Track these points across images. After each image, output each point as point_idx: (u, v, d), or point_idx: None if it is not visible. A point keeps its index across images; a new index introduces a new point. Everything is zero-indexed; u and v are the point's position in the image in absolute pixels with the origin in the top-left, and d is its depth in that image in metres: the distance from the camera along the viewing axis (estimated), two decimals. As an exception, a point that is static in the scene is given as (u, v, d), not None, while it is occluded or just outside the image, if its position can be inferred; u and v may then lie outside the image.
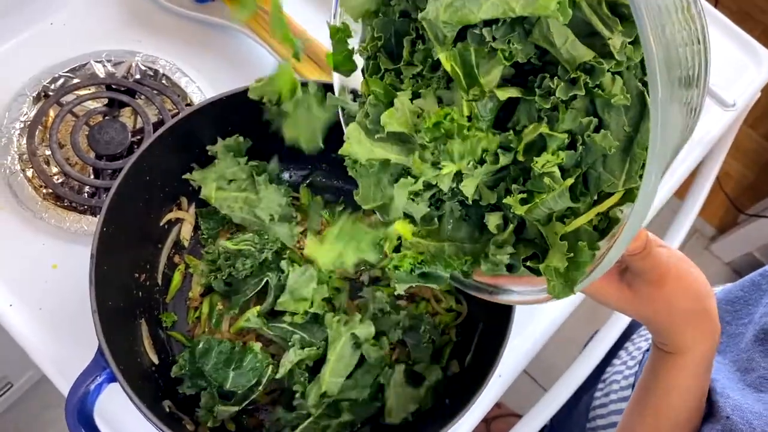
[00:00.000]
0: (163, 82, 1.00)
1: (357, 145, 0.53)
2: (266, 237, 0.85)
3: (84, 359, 0.69)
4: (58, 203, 0.91)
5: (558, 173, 0.47)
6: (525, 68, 0.50)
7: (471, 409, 0.69)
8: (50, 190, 0.91)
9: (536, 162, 0.47)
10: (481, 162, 0.50)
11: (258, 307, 0.80)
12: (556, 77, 0.47)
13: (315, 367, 0.79)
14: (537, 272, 0.51)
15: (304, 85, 0.60)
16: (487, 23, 0.47)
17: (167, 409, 0.75)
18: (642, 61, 0.45)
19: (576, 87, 0.46)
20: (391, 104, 0.52)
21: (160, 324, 0.84)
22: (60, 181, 0.93)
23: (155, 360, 0.80)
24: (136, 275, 0.82)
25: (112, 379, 0.67)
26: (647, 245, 0.52)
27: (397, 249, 0.57)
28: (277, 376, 0.77)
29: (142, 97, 0.98)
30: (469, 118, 0.49)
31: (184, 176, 0.85)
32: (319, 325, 0.80)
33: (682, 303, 0.56)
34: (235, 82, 0.81)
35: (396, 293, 0.86)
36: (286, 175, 0.92)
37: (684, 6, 0.45)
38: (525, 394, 1.61)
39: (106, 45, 1.00)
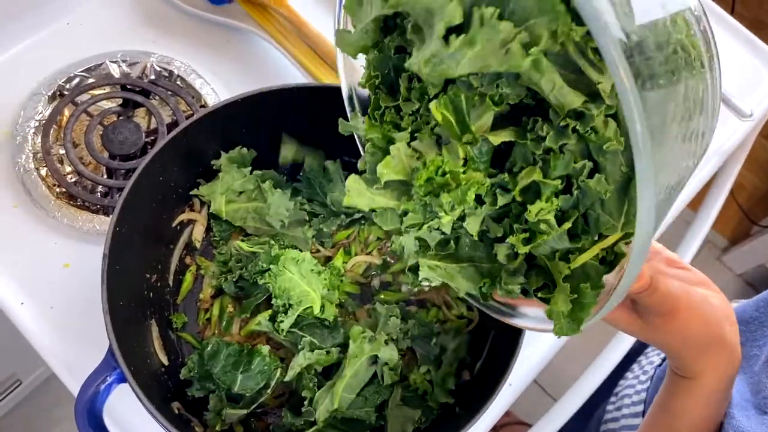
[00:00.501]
0: (178, 83, 1.00)
1: (358, 197, 0.53)
2: (282, 242, 0.84)
3: (93, 359, 0.69)
4: (71, 202, 0.91)
5: (553, 220, 0.47)
6: (520, 105, 0.49)
7: (481, 418, 0.68)
8: (63, 189, 0.91)
9: (530, 211, 0.47)
10: (481, 202, 0.50)
11: (269, 311, 0.80)
12: (546, 124, 0.46)
13: (324, 373, 0.79)
14: (548, 302, 0.51)
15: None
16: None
17: (176, 411, 0.75)
18: None
19: (565, 135, 0.45)
20: (388, 151, 0.52)
21: (171, 325, 0.84)
22: (73, 180, 0.93)
23: (165, 361, 0.80)
24: (148, 276, 0.82)
25: (122, 379, 0.67)
26: (651, 283, 0.51)
27: (414, 270, 0.56)
28: (286, 379, 0.77)
29: (157, 97, 0.98)
30: (465, 161, 0.49)
31: (191, 192, 0.85)
32: (329, 331, 0.80)
33: (695, 333, 0.55)
34: (250, 84, 0.81)
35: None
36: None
37: (684, 32, 0.43)
38: (533, 402, 1.60)
39: (122, 45, 1.01)
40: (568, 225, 0.47)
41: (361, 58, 0.58)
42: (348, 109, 0.63)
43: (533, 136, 0.47)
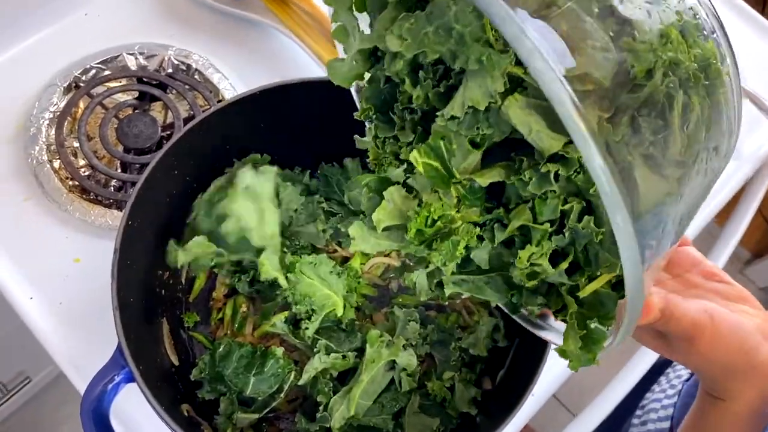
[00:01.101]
0: (196, 77, 0.98)
1: (363, 243, 0.53)
2: (297, 241, 0.82)
3: (101, 357, 0.66)
4: (84, 196, 0.89)
5: (546, 264, 0.45)
6: (510, 138, 0.47)
7: (503, 429, 0.65)
8: (76, 183, 0.89)
9: (520, 257, 0.45)
10: (481, 239, 0.49)
11: (285, 313, 0.77)
12: (530, 169, 0.44)
13: (338, 378, 0.76)
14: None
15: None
16: (452, 117, 0.45)
17: (185, 414, 0.72)
18: None
19: (548, 182, 0.43)
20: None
21: (182, 324, 0.81)
22: (87, 173, 0.91)
23: (175, 361, 0.77)
24: (160, 273, 0.79)
25: (130, 379, 0.64)
26: (664, 313, 0.48)
27: (439, 285, 0.54)
28: (300, 383, 0.74)
29: (174, 91, 0.96)
30: (459, 200, 0.48)
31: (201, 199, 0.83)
32: (346, 334, 0.77)
33: (723, 357, 0.51)
34: (269, 79, 0.78)
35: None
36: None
37: (678, 47, 0.40)
38: (549, 417, 1.56)
39: (140, 37, 0.99)
40: (564, 265, 0.45)
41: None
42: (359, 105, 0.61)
43: (518, 179, 0.45)
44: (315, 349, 0.75)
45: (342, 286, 0.77)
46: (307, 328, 0.75)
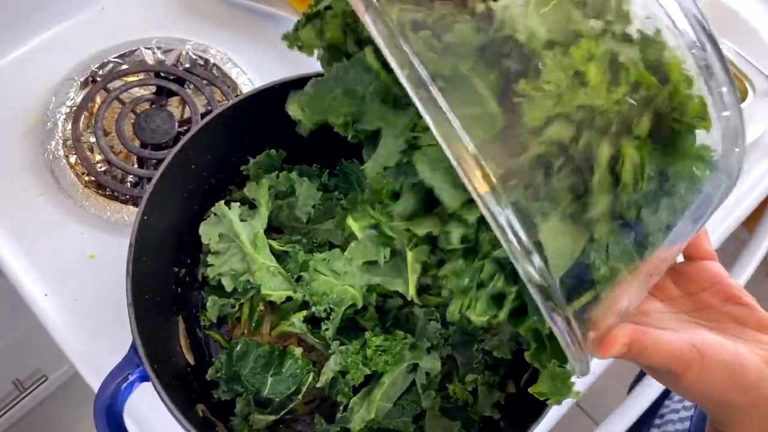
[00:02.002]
0: (214, 72, 0.97)
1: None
2: (315, 240, 0.80)
3: (117, 355, 0.65)
4: (100, 191, 0.87)
5: (473, 316, 0.43)
6: None
7: (530, 434, 0.63)
8: (92, 178, 0.88)
9: (450, 311, 0.43)
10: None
11: (304, 312, 0.75)
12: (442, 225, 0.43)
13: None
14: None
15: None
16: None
17: (201, 414, 0.71)
18: None
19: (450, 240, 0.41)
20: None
21: (199, 323, 0.80)
22: (103, 169, 0.90)
23: (191, 360, 0.75)
24: (176, 270, 0.78)
25: (144, 378, 0.63)
26: (632, 347, 0.43)
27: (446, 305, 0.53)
28: (318, 385, 0.72)
29: (191, 86, 0.95)
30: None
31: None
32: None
33: (714, 394, 0.46)
34: (288, 74, 0.77)
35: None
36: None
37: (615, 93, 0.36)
38: (571, 421, 1.53)
39: (157, 32, 0.98)
40: (502, 313, 0.43)
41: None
42: None
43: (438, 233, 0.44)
44: (330, 351, 0.73)
45: (358, 278, 0.75)
46: (327, 329, 0.72)
